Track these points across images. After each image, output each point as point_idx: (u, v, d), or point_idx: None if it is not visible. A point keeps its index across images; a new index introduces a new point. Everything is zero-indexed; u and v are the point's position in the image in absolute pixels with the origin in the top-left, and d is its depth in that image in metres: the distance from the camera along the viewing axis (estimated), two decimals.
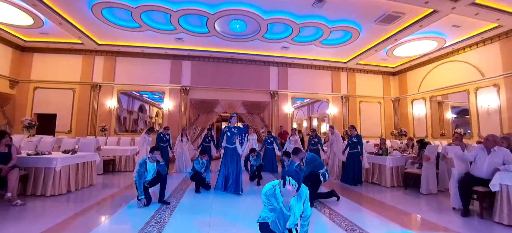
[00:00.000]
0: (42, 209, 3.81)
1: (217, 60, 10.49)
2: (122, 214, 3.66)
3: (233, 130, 5.11)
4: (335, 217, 3.66)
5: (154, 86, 10.26)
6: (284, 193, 1.84)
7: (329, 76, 11.51)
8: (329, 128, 7.27)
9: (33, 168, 4.48)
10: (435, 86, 10.20)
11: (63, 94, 9.63)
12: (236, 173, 4.96)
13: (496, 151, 3.55)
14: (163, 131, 6.99)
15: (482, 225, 3.36)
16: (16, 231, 2.91)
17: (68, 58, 9.77)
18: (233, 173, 4.96)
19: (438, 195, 4.90)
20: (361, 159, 5.84)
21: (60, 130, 9.45)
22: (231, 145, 5.11)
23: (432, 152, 4.98)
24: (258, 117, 10.46)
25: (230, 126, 5.14)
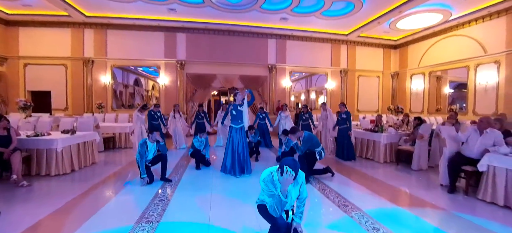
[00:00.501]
0: (49, 189, 3.95)
1: (213, 33, 10.10)
2: (127, 192, 3.82)
3: (239, 108, 4.71)
4: (329, 193, 3.86)
5: (149, 61, 9.99)
6: (282, 181, 1.93)
7: (329, 49, 11.25)
8: (321, 105, 7.36)
9: (35, 149, 4.54)
10: (436, 61, 10.09)
11: (55, 71, 9.39)
12: (244, 154, 4.67)
13: (488, 133, 3.65)
14: (154, 109, 6.84)
15: (466, 201, 3.58)
16: (27, 212, 3.04)
17: (56, 32, 9.34)
18: (241, 155, 4.65)
19: (428, 171, 5.13)
20: (350, 134, 6.06)
21: (56, 107, 9.39)
22: (237, 125, 4.72)
23: (426, 131, 5.11)
24: (256, 92, 10.40)
25: (235, 103, 4.74)
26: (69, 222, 2.82)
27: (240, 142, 4.70)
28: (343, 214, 3.12)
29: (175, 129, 7.50)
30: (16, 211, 3.10)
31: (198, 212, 3.13)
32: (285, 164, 1.92)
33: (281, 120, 7.89)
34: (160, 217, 2.97)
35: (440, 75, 10.58)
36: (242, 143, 4.70)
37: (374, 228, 2.75)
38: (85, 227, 2.69)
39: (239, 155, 4.64)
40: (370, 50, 11.74)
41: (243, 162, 4.68)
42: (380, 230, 2.70)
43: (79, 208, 3.23)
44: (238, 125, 4.72)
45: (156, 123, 6.73)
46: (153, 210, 3.15)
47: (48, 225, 2.75)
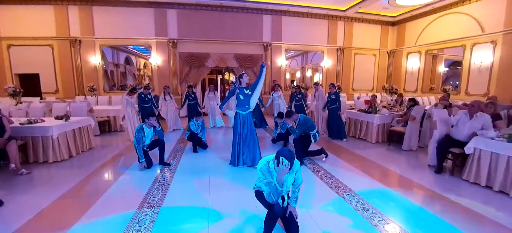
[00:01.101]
0: (49, 176, 4.00)
1: (205, 9, 9.69)
2: (127, 177, 3.91)
3: (247, 92, 4.21)
4: (322, 174, 4.03)
5: (139, 39, 9.64)
6: (278, 172, 2.01)
7: (326, 26, 10.98)
8: (314, 85, 7.38)
9: (30, 137, 4.52)
10: (433, 40, 10.01)
11: (41, 52, 9.02)
12: (253, 143, 4.24)
13: (477, 117, 3.77)
14: (144, 91, 6.58)
15: (451, 181, 3.79)
16: (30, 201, 3.10)
17: (39, 10, 8.83)
18: (250, 144, 4.22)
19: (417, 151, 5.34)
20: (340, 114, 6.24)
21: (46, 90, 9.17)
22: (244, 110, 4.24)
23: (419, 113, 5.23)
24: (251, 71, 10.28)
25: (242, 87, 4.24)
26: (73, 209, 2.91)
27: (249, 130, 4.24)
28: (336, 195, 3.29)
29: (167, 111, 7.47)
30: (19, 200, 3.15)
31: (198, 196, 3.25)
32: (281, 155, 1.99)
33: (274, 100, 7.91)
34: (161, 201, 3.09)
35: (436, 54, 10.58)
36: (251, 131, 4.25)
37: (363, 208, 2.92)
38: (89, 214, 2.78)
39: (249, 143, 4.22)
40: (367, 27, 11.52)
41: (254, 152, 4.26)
42: (369, 210, 2.88)
43: (81, 195, 3.31)
44: (246, 110, 4.24)
45: (147, 105, 6.54)
46: (154, 195, 3.27)
47: (53, 213, 2.83)
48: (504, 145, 3.29)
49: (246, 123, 4.26)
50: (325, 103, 6.62)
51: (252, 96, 4.23)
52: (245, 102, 4.23)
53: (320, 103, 6.97)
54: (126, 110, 6.02)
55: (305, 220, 2.63)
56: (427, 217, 2.77)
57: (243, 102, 4.23)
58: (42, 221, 2.69)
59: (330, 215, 2.81)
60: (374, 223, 2.63)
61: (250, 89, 4.26)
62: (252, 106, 4.28)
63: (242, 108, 4.25)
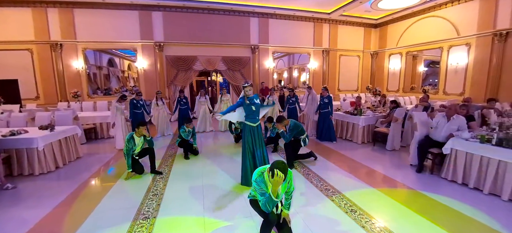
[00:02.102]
0: (35, 190, 3.87)
1: (192, 11, 9.63)
2: (119, 188, 3.87)
3: (256, 101, 3.84)
4: (312, 177, 4.19)
5: (124, 43, 9.43)
6: (273, 183, 2.11)
7: (311, 28, 11.23)
8: (307, 88, 7.53)
9: (14, 149, 4.36)
10: (413, 42, 10.52)
11: (19, 56, 8.61)
12: (263, 156, 3.91)
13: (454, 119, 4.07)
14: (136, 97, 6.42)
15: (431, 179, 4.08)
16: (17, 218, 3.01)
17: (15, 13, 8.43)
18: (261, 156, 3.86)
19: (400, 150, 5.65)
20: (331, 118, 6.40)
21: (26, 97, 8.78)
22: (254, 122, 3.86)
23: (401, 114, 5.53)
24: (239, 73, 10.35)
25: (252, 97, 3.82)
26: (65, 225, 2.87)
27: (260, 142, 3.88)
28: (325, 197, 3.45)
29: (158, 117, 7.39)
30: (6, 216, 3.05)
31: (192, 204, 3.30)
32: (276, 168, 2.09)
33: None
34: (156, 212, 3.11)
35: (416, 55, 11.12)
36: (261, 143, 3.91)
37: (352, 210, 3.10)
38: (83, 229, 2.76)
39: (259, 159, 3.84)
40: (351, 29, 11.90)
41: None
42: (357, 211, 3.06)
43: (73, 209, 3.24)
44: (256, 122, 3.87)
45: (139, 111, 6.40)
46: (148, 205, 3.28)
47: (44, 230, 2.78)
48: (477, 145, 3.58)
49: (258, 137, 3.86)
50: (317, 106, 6.67)
51: (260, 109, 4.01)
52: (256, 114, 3.86)
53: (311, 107, 7.06)
54: (116, 118, 5.89)
55: (297, 224, 2.76)
56: (410, 216, 2.98)
57: (254, 113, 3.83)
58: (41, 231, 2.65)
59: (321, 218, 2.96)
60: (361, 223, 2.80)
61: (259, 102, 3.89)
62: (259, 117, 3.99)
63: (253, 119, 3.85)
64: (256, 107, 3.82)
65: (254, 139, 3.85)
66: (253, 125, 3.86)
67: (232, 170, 4.52)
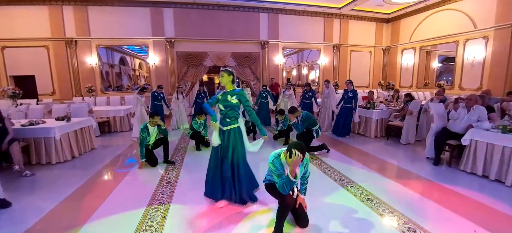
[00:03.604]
0: (53, 177, 3.97)
1: (202, 7, 9.70)
2: (133, 177, 3.92)
3: (230, 100, 2.88)
4: (326, 168, 4.13)
5: (136, 39, 9.59)
6: (291, 163, 2.08)
7: (322, 24, 11.10)
8: (324, 82, 7.42)
9: (32, 138, 4.49)
10: (427, 36, 10.23)
11: (36, 53, 8.91)
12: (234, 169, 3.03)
13: (474, 109, 3.93)
14: (157, 90, 6.86)
15: (449, 172, 3.94)
16: (36, 202, 3.10)
17: (33, 11, 8.71)
18: (227, 169, 2.97)
19: (415, 144, 5.50)
20: (353, 114, 6.12)
21: (43, 92, 9.07)
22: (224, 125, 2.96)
23: (416, 107, 5.38)
24: (249, 69, 10.35)
25: (227, 92, 2.93)
26: (82, 209, 2.92)
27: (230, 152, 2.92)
28: (340, 187, 3.40)
29: (178, 110, 7.58)
30: (25, 201, 3.14)
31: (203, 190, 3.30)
32: (293, 148, 2.07)
33: (284, 99, 7.95)
34: (170, 198, 3.13)
35: (430, 50, 10.82)
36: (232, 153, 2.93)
37: (368, 199, 3.03)
38: (99, 213, 2.81)
39: (225, 172, 2.95)
40: (362, 24, 11.70)
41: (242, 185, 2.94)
42: (373, 200, 2.99)
43: (89, 195, 3.31)
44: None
45: (159, 104, 6.84)
46: (162, 192, 3.31)
47: (61, 213, 2.84)
48: (499, 136, 3.44)
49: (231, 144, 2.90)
50: (340, 99, 6.37)
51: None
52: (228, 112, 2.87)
53: (331, 101, 6.89)
54: (136, 109, 6.11)
55: (313, 212, 2.71)
56: (429, 205, 2.89)
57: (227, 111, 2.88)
58: (51, 221, 2.70)
59: (336, 206, 2.91)
60: (379, 212, 2.73)
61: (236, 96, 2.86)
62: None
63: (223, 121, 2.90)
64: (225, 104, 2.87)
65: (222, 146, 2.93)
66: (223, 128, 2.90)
67: None
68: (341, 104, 6.30)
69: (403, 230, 2.40)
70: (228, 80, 2.85)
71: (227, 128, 2.88)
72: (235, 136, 2.89)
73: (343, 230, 2.45)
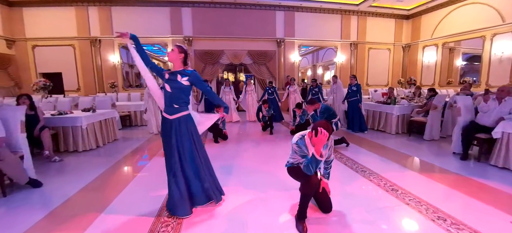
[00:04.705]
0: (79, 163, 4.17)
1: (219, 6, 9.85)
2: (153, 165, 4.04)
3: (181, 81, 2.34)
4: (346, 161, 4.05)
5: (156, 38, 9.88)
6: (316, 142, 2.05)
7: (339, 21, 10.93)
8: (332, 77, 7.38)
9: (61, 127, 4.75)
10: (450, 32, 9.78)
11: (64, 52, 9.40)
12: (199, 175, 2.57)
13: (506, 101, 3.72)
14: None
15: (478, 167, 3.73)
16: (65, 184, 3.27)
17: (60, 11, 9.20)
18: (194, 176, 2.51)
19: (440, 141, 5.26)
20: (360, 107, 6.16)
21: (68, 88, 9.54)
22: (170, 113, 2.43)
23: (440, 102, 5.16)
24: (264, 67, 10.36)
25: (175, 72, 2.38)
26: (106, 192, 3.02)
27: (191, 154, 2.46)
28: (363, 178, 3.32)
29: None
30: (55, 183, 3.31)
31: (226, 179, 3.32)
32: (319, 126, 2.04)
33: (290, 94, 7.98)
34: None
35: (453, 47, 10.35)
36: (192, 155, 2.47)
37: (392, 189, 2.94)
38: (122, 197, 2.89)
39: (191, 180, 2.46)
40: (381, 21, 11.39)
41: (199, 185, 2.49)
42: (399, 190, 2.89)
43: (112, 180, 3.44)
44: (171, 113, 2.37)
45: None
46: None
47: (87, 195, 2.97)
48: None
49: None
50: (345, 95, 6.57)
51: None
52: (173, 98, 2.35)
53: (338, 96, 6.95)
54: (148, 104, 6.21)
55: (335, 199, 2.65)
56: (458, 197, 2.76)
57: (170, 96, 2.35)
58: (80, 200, 2.84)
59: (360, 195, 2.84)
60: (405, 201, 2.64)
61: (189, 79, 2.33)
62: None
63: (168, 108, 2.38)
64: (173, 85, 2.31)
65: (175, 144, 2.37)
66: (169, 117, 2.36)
67: (261, 154, 4.56)
68: (347, 99, 6.45)
69: (432, 219, 2.31)
70: (177, 57, 2.31)
71: (174, 117, 2.34)
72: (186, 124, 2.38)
73: (368, 217, 2.38)
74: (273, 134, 6.12)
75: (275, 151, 4.77)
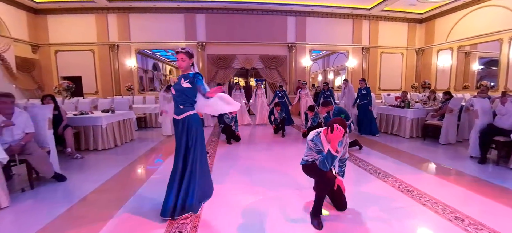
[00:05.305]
0: (99, 160, 4.38)
1: (231, 12, 10.08)
2: (169, 164, 4.15)
3: (184, 85, 2.45)
4: (359, 163, 4.04)
5: (170, 43, 10.20)
6: (332, 138, 2.10)
7: (350, 25, 10.92)
8: (343, 81, 7.37)
9: (82, 126, 4.99)
10: (466, 35, 9.56)
11: (84, 56, 9.87)
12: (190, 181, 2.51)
13: None
14: None
15: (497, 170, 3.63)
16: (87, 179, 3.44)
17: (82, 18, 9.69)
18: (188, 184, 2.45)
19: (456, 145, 5.14)
20: (370, 109, 6.16)
21: (87, 91, 9.97)
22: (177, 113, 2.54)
23: (456, 105, 5.06)
24: (275, 71, 10.46)
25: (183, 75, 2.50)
26: (125, 188, 3.16)
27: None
28: (377, 179, 3.31)
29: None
30: (77, 179, 3.48)
31: (240, 178, 3.41)
32: (335, 123, 2.10)
33: (301, 98, 8.02)
34: None
35: (469, 51, 10.10)
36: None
37: (408, 190, 2.92)
38: (140, 193, 3.01)
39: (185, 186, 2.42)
40: (394, 25, 11.29)
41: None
42: (414, 192, 2.87)
43: (130, 177, 3.61)
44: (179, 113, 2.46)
45: None
46: None
47: (107, 191, 3.09)
48: None
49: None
50: (355, 99, 6.57)
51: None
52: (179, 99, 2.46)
53: (349, 100, 6.93)
54: (163, 106, 6.38)
55: (350, 198, 2.66)
56: (477, 200, 2.71)
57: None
58: (101, 195, 2.96)
59: (374, 195, 2.84)
60: (421, 201, 2.62)
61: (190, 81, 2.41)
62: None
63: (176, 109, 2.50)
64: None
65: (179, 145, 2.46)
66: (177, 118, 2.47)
67: (273, 155, 4.62)
68: (357, 102, 6.44)
69: (449, 219, 2.29)
70: (189, 63, 2.44)
71: (181, 117, 2.43)
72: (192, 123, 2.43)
73: (383, 215, 2.39)
74: (285, 137, 6.16)
75: (287, 152, 4.82)
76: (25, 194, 2.98)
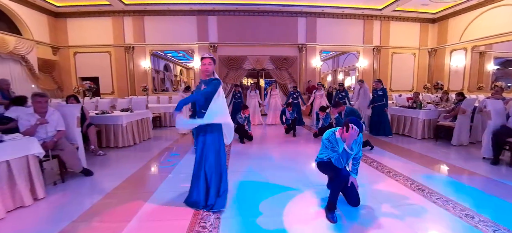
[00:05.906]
0: (119, 157, 4.64)
1: (243, 14, 10.27)
2: (187, 160, 4.36)
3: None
4: (371, 162, 4.12)
5: (183, 45, 10.50)
6: (348, 137, 2.23)
7: (361, 26, 10.91)
8: (358, 81, 7.38)
9: (104, 125, 5.27)
10: (480, 35, 9.38)
11: (101, 58, 10.30)
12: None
13: None
14: (235, 89, 7.95)
15: (509, 171, 3.65)
16: (111, 174, 3.68)
17: (99, 21, 10.11)
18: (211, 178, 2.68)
19: (469, 146, 5.13)
20: (386, 111, 6.13)
21: (104, 91, 10.39)
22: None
23: (469, 106, 5.05)
24: (286, 72, 10.57)
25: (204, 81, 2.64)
26: (148, 183, 3.39)
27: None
28: (388, 178, 3.40)
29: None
30: (102, 173, 3.74)
31: (256, 174, 3.58)
32: (350, 122, 2.23)
33: (316, 99, 8.10)
34: None
35: (484, 51, 9.90)
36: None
37: (419, 189, 3.00)
38: (165, 184, 3.23)
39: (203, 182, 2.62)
40: (405, 25, 11.19)
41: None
42: (425, 190, 2.95)
43: (152, 173, 3.84)
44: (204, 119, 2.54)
45: (238, 101, 7.94)
46: None
47: (131, 186, 3.29)
48: None
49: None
50: (371, 100, 6.52)
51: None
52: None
53: (364, 101, 6.91)
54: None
55: (363, 195, 2.76)
56: (489, 200, 2.76)
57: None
58: (124, 190, 3.15)
59: (386, 193, 2.94)
60: (432, 200, 2.71)
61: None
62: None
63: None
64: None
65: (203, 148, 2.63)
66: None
67: (286, 154, 4.76)
68: (373, 104, 6.40)
69: (460, 216, 2.37)
70: (213, 69, 2.61)
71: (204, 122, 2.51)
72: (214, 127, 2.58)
73: (394, 211, 2.49)
74: (296, 137, 6.28)
75: (299, 151, 4.95)
76: (57, 186, 3.24)
